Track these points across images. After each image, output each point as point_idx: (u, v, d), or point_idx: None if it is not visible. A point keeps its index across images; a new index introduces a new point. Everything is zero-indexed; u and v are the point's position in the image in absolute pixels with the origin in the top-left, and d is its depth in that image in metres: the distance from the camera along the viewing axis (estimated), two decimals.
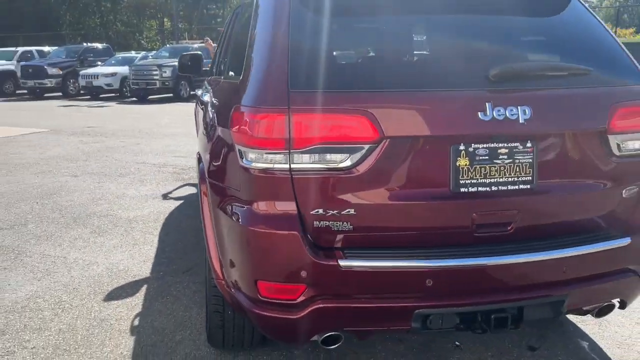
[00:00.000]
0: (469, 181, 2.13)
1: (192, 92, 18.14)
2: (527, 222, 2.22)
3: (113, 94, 20.45)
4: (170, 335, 3.15)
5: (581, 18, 2.51)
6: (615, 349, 3.03)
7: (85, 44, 25.29)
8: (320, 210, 2.09)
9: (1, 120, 13.76)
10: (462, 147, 2.11)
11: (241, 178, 2.17)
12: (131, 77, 18.64)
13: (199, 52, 4.96)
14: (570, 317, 3.35)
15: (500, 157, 2.15)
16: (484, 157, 2.13)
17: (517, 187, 2.18)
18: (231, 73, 2.85)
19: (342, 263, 2.06)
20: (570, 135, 2.23)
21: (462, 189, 2.13)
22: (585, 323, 3.29)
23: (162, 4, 49.84)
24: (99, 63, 21.57)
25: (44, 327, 3.26)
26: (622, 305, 2.52)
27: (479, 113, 2.07)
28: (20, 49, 23.78)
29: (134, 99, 19.25)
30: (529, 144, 2.17)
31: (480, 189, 2.14)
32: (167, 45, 27.86)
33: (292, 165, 2.04)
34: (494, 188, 2.15)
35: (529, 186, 2.19)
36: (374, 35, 2.48)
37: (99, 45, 24.21)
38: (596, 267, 2.30)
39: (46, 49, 24.64)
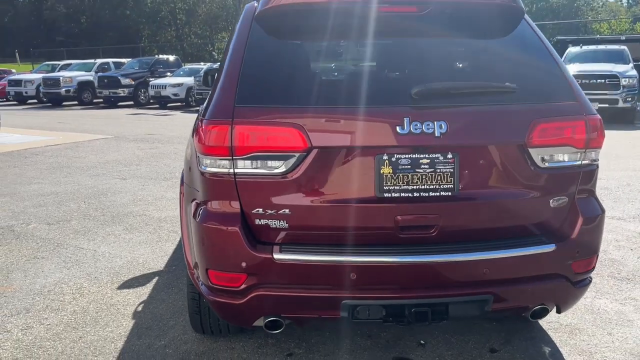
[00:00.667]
0: (392, 187, 2.39)
1: None
2: (450, 226, 2.44)
3: (180, 104, 21.61)
4: (165, 321, 3.55)
5: (520, 37, 2.70)
6: (575, 356, 3.14)
7: (157, 55, 26.78)
8: (260, 210, 2.41)
9: (75, 127, 14.98)
10: (385, 157, 2.37)
11: (200, 181, 2.53)
12: (195, 88, 19.66)
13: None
14: (542, 324, 3.47)
15: (422, 166, 2.38)
16: (406, 166, 2.38)
17: (438, 194, 2.40)
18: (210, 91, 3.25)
19: (276, 256, 2.37)
20: (491, 148, 2.43)
21: (386, 194, 2.39)
22: (556, 330, 3.40)
23: (233, 16, 51.73)
24: (168, 74, 22.88)
25: (61, 308, 3.75)
26: (559, 310, 2.68)
27: (397, 127, 2.33)
28: (99, 61, 25.59)
29: (198, 108, 20.19)
30: (449, 155, 2.39)
31: (403, 194, 2.39)
32: None
33: (236, 170, 2.38)
34: (416, 194, 2.39)
35: (450, 193, 2.41)
36: (311, 58, 2.78)
37: (169, 57, 25.62)
38: (520, 270, 2.48)
39: (123, 60, 26.32)
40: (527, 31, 2.72)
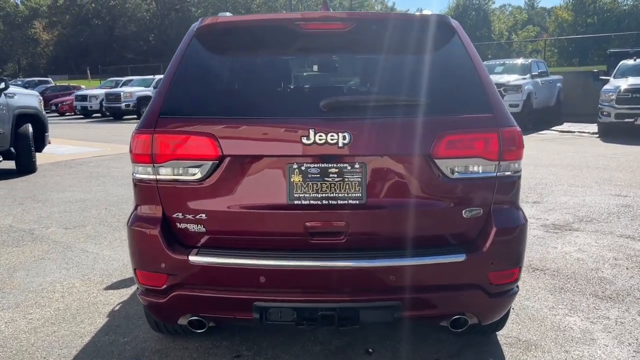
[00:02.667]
0: (302, 195, 2.50)
1: None
2: (359, 234, 2.52)
3: None
4: (134, 320, 3.77)
5: (445, 52, 2.75)
6: None
7: None
8: (180, 214, 2.58)
9: (128, 139, 15.71)
10: (295, 166, 2.49)
11: (133, 187, 2.73)
12: None
13: None
14: (500, 338, 3.44)
15: (331, 175, 2.48)
16: (315, 175, 2.48)
17: (346, 202, 2.49)
18: None
19: (191, 258, 2.52)
20: (398, 158, 2.50)
21: (296, 201, 2.50)
22: (512, 346, 3.35)
23: None
24: None
25: (48, 305, 4.05)
26: (479, 321, 2.68)
27: (303, 137, 2.44)
28: (157, 77, 26.77)
29: None
30: (357, 165, 2.48)
31: (312, 202, 2.49)
32: None
33: (158, 177, 2.57)
34: (325, 202, 2.49)
35: (358, 202, 2.49)
36: (235, 73, 2.93)
37: None
38: (429, 278, 2.52)
39: None
40: (454, 46, 2.76)
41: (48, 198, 7.77)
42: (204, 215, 2.55)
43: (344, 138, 2.43)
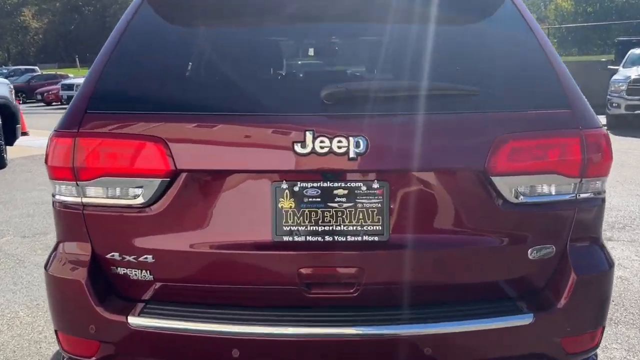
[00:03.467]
0: (295, 228, 1.70)
1: None
2: (377, 284, 1.73)
3: None
4: None
5: (498, 22, 1.95)
6: None
7: None
8: (116, 255, 1.78)
9: None
10: (284, 186, 1.69)
11: (54, 214, 1.93)
12: None
13: None
14: None
15: (337, 199, 1.69)
16: (314, 199, 1.69)
17: (360, 238, 1.70)
18: None
19: (132, 320, 1.72)
20: (437, 176, 1.70)
21: (287, 237, 1.70)
22: None
23: None
24: None
25: None
26: None
27: (295, 144, 1.64)
28: None
29: None
30: (376, 185, 1.68)
31: (310, 238, 1.70)
32: None
33: (84, 200, 1.76)
34: (328, 238, 1.70)
35: (377, 238, 1.70)
36: (200, 51, 2.10)
37: None
38: (481, 350, 1.73)
39: None
40: (509, 14, 1.96)
41: (12, 198, 6.93)
42: (150, 256, 1.75)
43: (357, 145, 1.63)
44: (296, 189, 1.69)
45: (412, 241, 1.74)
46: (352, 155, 1.63)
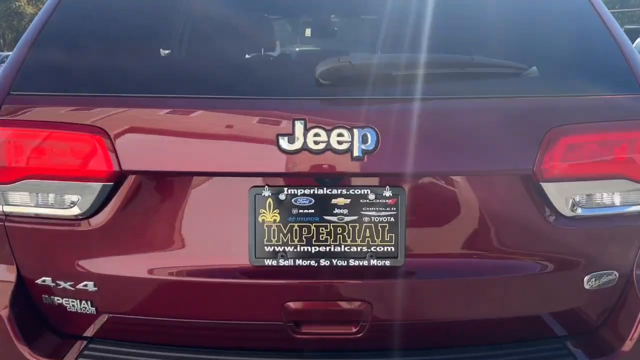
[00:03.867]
0: (280, 249, 1.31)
1: None
2: (387, 323, 1.36)
3: None
4: None
5: None
6: None
7: None
8: (49, 281, 1.38)
9: None
10: (266, 193, 1.29)
11: None
12: None
13: None
14: None
15: (337, 211, 1.29)
16: (306, 211, 1.29)
17: (367, 262, 1.31)
18: None
19: None
20: (467, 181, 1.31)
21: (269, 261, 1.31)
22: None
23: None
24: None
25: None
26: None
27: (281, 137, 1.23)
28: None
29: None
30: (388, 193, 1.28)
31: (300, 261, 1.31)
32: None
33: (5, 208, 1.36)
34: (324, 262, 1.30)
35: (389, 262, 1.30)
36: (147, 16, 1.65)
37: None
38: None
39: None
40: None
41: None
42: (91, 283, 1.36)
43: (364, 139, 1.24)
44: (282, 197, 1.29)
45: (433, 267, 1.35)
46: (356, 153, 1.23)
